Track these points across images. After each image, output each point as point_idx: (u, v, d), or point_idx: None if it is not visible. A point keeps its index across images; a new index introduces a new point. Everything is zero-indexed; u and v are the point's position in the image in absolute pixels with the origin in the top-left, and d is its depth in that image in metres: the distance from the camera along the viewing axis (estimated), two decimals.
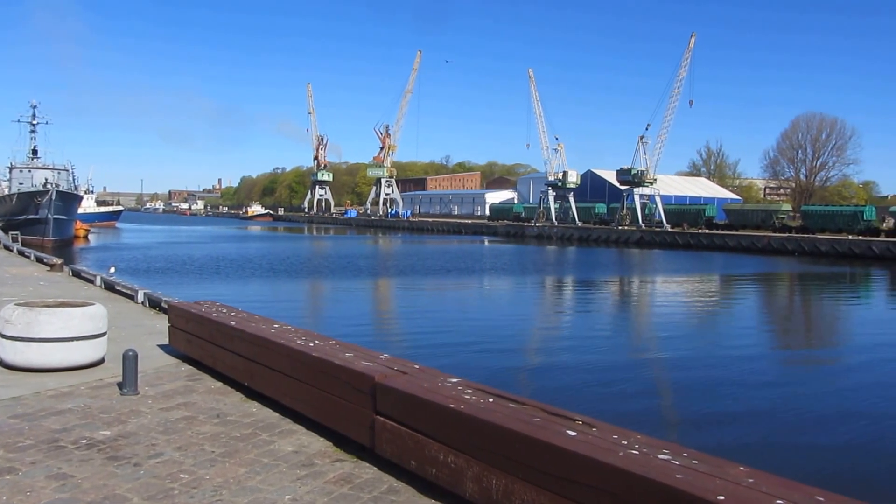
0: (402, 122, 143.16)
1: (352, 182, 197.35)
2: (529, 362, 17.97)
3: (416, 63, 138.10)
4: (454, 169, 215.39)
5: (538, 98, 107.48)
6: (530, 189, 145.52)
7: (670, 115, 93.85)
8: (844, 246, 65.77)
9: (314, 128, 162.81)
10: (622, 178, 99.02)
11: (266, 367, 7.58)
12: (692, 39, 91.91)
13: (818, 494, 3.46)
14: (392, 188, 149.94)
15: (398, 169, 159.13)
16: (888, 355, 19.69)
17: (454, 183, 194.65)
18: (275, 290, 31.68)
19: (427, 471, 5.22)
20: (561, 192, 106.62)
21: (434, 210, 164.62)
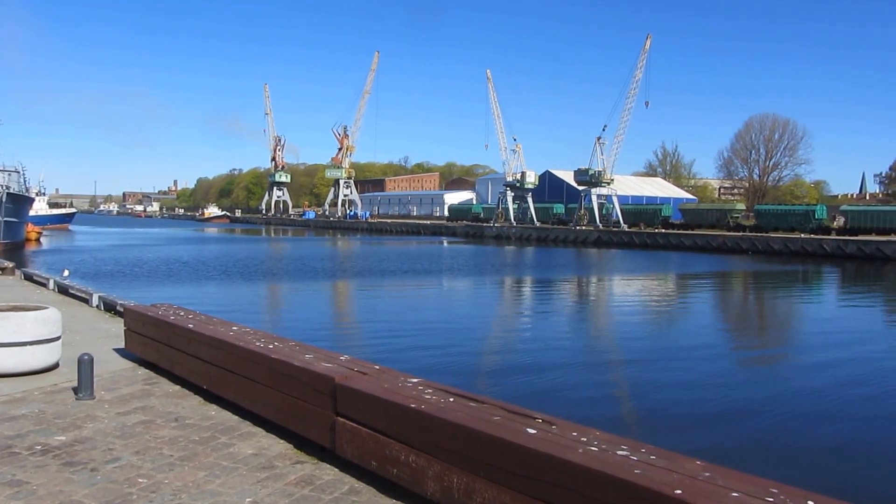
0: (361, 122, 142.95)
1: (310, 183, 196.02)
2: (490, 362, 18.06)
3: (374, 64, 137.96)
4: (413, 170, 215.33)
5: (496, 99, 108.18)
6: (489, 190, 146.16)
7: (627, 117, 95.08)
8: (797, 244, 67.30)
9: (271, 128, 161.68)
10: (580, 178, 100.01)
11: (225, 369, 7.51)
12: (648, 41, 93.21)
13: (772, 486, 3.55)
14: (351, 189, 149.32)
15: (357, 170, 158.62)
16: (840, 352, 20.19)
17: (413, 184, 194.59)
18: (233, 292, 31.32)
19: (388, 471, 5.23)
20: (519, 192, 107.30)
21: (393, 211, 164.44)
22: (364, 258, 56.30)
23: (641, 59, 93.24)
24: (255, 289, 33.61)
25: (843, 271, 52.36)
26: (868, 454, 11.35)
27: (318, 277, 38.81)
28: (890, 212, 72.57)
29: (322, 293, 33.58)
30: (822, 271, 52.13)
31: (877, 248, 61.38)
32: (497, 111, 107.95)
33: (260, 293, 32.73)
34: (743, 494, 3.44)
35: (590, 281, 43.29)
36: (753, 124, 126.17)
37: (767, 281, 45.50)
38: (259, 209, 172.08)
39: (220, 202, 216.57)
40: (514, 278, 43.31)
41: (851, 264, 57.55)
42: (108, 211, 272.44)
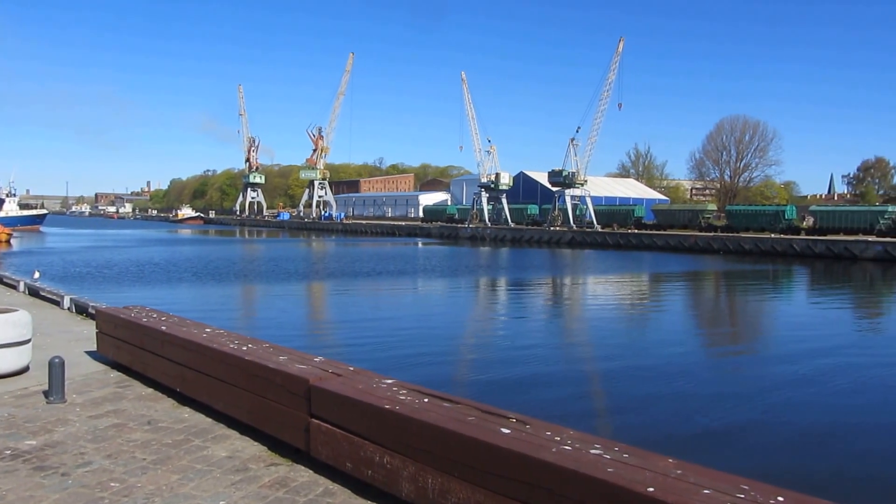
0: (335, 123, 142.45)
1: (284, 184, 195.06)
2: (464, 362, 18.09)
3: (349, 65, 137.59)
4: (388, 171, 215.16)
5: (471, 101, 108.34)
6: (463, 191, 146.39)
7: (600, 118, 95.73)
8: (767, 244, 68.16)
9: (245, 130, 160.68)
10: (553, 179, 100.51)
11: (198, 372, 7.46)
12: (620, 44, 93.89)
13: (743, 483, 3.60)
14: (325, 190, 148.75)
15: (331, 171, 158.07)
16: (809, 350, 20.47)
17: (388, 185, 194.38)
18: (206, 294, 31.06)
19: (363, 472, 5.23)
20: (494, 193, 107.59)
21: (368, 212, 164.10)
22: (339, 259, 56.11)
23: (614, 61, 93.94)
24: (229, 291, 33.35)
25: (812, 270, 53.11)
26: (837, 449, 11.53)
27: (292, 279, 38.61)
28: (857, 212, 73.81)
29: (296, 295, 33.42)
30: (792, 271, 52.83)
31: (845, 248, 62.37)
32: (471, 112, 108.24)
33: (234, 295, 32.49)
34: (714, 491, 3.49)
35: (564, 281, 43.49)
36: (724, 126, 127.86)
37: (738, 280, 46.03)
38: (233, 210, 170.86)
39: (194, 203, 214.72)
40: (489, 279, 43.40)
41: (820, 263, 58.39)
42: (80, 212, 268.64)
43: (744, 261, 60.26)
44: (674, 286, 41.93)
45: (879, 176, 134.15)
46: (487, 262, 58.44)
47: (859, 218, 71.11)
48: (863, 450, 11.66)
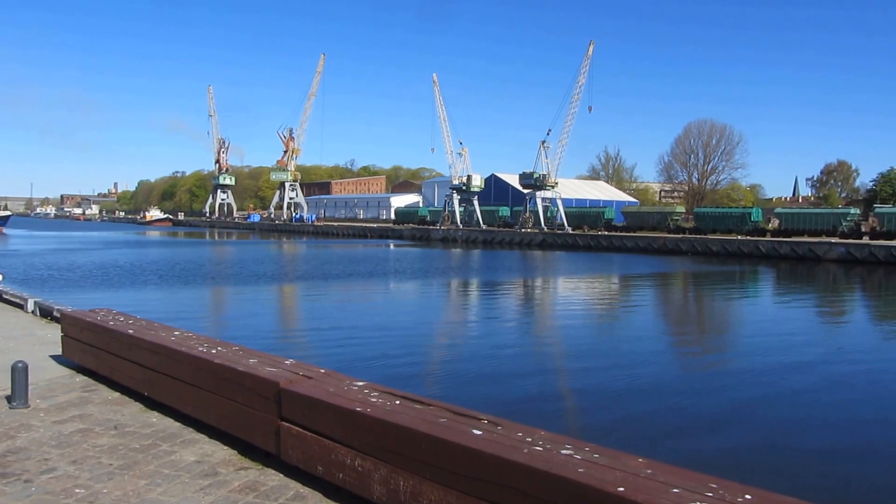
0: (307, 125, 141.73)
1: (255, 186, 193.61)
2: (436, 364, 18.07)
3: (320, 66, 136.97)
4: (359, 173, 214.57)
5: (442, 103, 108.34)
6: (435, 193, 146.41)
7: (570, 121, 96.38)
8: (734, 246, 69.06)
9: (215, 131, 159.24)
10: (525, 181, 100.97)
11: (167, 375, 7.37)
12: (591, 47, 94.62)
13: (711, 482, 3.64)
14: (296, 192, 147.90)
15: (302, 173, 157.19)
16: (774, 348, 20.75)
17: (359, 187, 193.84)
18: (175, 297, 30.70)
19: (334, 475, 5.20)
20: (465, 195, 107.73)
21: (339, 214, 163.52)
22: (310, 261, 55.81)
23: (584, 64, 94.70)
24: (198, 293, 32.99)
25: (777, 271, 53.91)
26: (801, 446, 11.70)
27: (262, 281, 38.31)
28: (821, 214, 75.12)
29: (267, 297, 33.17)
30: (758, 271, 53.58)
31: (809, 249, 63.39)
32: (443, 114, 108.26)
33: (203, 298, 32.15)
34: (683, 490, 3.51)
35: (535, 283, 43.68)
36: (692, 130, 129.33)
37: (706, 281, 46.57)
38: (203, 212, 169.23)
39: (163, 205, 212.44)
40: (461, 281, 43.44)
41: (785, 264, 59.30)
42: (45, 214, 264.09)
43: (711, 262, 61.01)
44: (643, 287, 42.31)
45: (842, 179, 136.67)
46: (459, 263, 58.50)
47: (823, 220, 72.38)
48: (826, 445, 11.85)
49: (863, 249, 60.15)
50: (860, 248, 60.50)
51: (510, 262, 60.58)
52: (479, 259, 64.57)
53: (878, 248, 59.24)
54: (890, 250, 58.02)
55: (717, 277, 48.71)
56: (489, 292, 37.74)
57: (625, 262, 60.83)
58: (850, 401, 14.93)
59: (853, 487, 10.10)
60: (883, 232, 67.24)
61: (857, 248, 60.80)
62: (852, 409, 14.21)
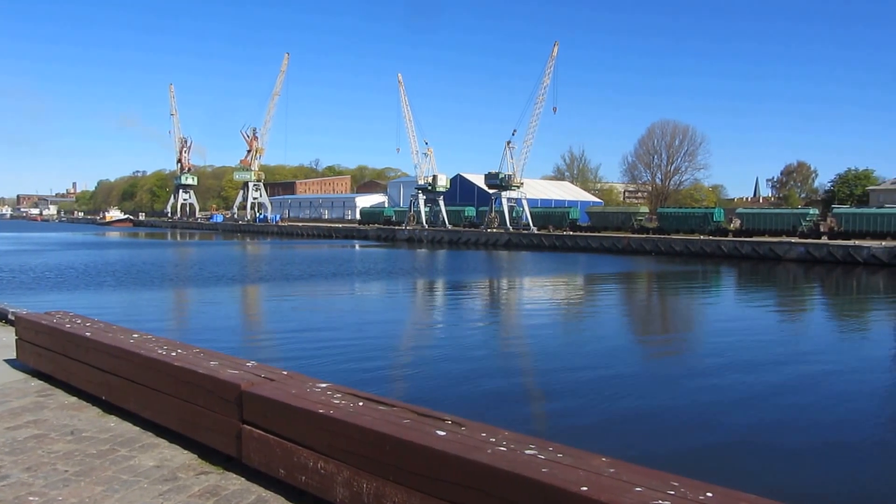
0: (270, 124, 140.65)
1: (218, 186, 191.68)
2: (400, 365, 18.02)
3: (284, 65, 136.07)
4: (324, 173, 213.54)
5: (408, 102, 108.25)
6: (401, 193, 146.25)
7: (535, 122, 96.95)
8: (697, 246, 70.01)
9: (177, 129, 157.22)
10: (490, 182, 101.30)
11: (125, 379, 7.22)
12: (555, 48, 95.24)
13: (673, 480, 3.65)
14: (260, 192, 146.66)
15: (266, 172, 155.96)
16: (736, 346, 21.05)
17: (324, 187, 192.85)
18: (135, 299, 30.21)
19: (297, 478, 5.13)
20: (431, 195, 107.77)
21: (304, 214, 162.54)
22: (273, 262, 55.33)
23: (549, 65, 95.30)
24: (159, 295, 32.50)
25: (739, 271, 54.76)
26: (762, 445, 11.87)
27: (224, 283, 37.89)
28: (781, 214, 76.50)
29: (229, 298, 32.80)
30: (720, 271, 54.37)
31: (770, 249, 64.50)
32: (408, 114, 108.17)
33: (164, 300, 31.68)
34: (646, 489, 3.52)
35: (501, 283, 43.81)
36: (655, 130, 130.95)
37: (670, 281, 47.12)
38: (164, 212, 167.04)
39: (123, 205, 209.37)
40: (426, 281, 43.40)
41: (747, 264, 60.26)
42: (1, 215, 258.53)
43: (674, 262, 61.77)
44: (608, 287, 42.67)
45: (801, 179, 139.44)
46: (424, 264, 58.46)
47: (783, 220, 73.71)
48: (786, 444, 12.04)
49: (821, 249, 61.37)
50: (819, 248, 61.70)
51: (476, 263, 60.71)
52: (445, 259, 64.60)
53: (836, 248, 60.49)
54: (847, 250, 59.27)
55: (680, 277, 49.33)
56: (455, 293, 37.77)
57: (590, 262, 61.33)
58: (810, 400, 15.20)
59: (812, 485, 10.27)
60: (841, 232, 68.67)
61: (815, 247, 62.01)
62: (812, 409, 14.47)
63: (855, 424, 13.32)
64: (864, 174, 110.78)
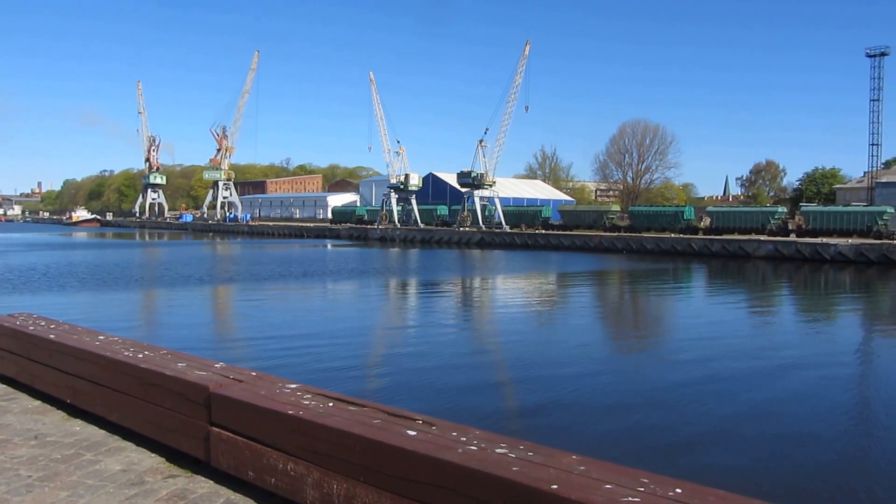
0: (241, 123, 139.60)
1: (187, 185, 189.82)
2: (372, 365, 17.96)
3: (254, 63, 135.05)
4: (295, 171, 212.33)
5: (379, 101, 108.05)
6: (373, 192, 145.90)
7: (507, 120, 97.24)
8: (668, 244, 70.66)
9: (145, 128, 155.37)
10: (462, 180, 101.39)
11: (90, 381, 7.10)
12: (527, 47, 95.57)
13: (643, 477, 3.65)
14: (230, 191, 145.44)
15: (236, 171, 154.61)
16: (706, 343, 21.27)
17: (295, 186, 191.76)
18: (101, 300, 29.76)
19: (266, 480, 5.08)
20: (403, 194, 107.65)
21: (275, 213, 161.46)
22: (243, 262, 54.88)
23: (521, 64, 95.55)
24: (126, 296, 32.04)
25: (709, 268, 55.38)
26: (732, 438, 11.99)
27: (193, 283, 37.47)
28: (750, 213, 77.51)
29: (198, 299, 32.46)
30: (691, 269, 54.95)
31: (739, 247, 65.32)
32: (380, 113, 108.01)
33: (131, 301, 31.24)
34: (616, 486, 3.52)
35: (473, 282, 43.86)
36: (627, 129, 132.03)
37: (641, 279, 47.52)
38: (132, 212, 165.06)
39: (90, 205, 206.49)
40: (399, 280, 43.33)
41: (717, 262, 60.96)
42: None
43: (646, 259, 62.31)
44: (580, 285, 42.91)
45: (770, 178, 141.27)
46: (397, 263, 58.37)
47: (752, 218, 74.68)
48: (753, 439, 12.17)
49: (790, 247, 62.29)
50: (787, 246, 62.63)
51: (448, 262, 60.75)
52: (418, 258, 64.55)
53: (803, 246, 61.44)
54: (815, 247, 60.21)
55: (651, 275, 49.76)
56: (427, 292, 37.74)
57: (562, 260, 61.64)
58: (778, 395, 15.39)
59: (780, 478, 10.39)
60: (808, 230, 69.73)
61: (784, 245, 62.93)
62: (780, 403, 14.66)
63: (821, 418, 13.51)
64: (831, 173, 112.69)
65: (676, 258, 64.35)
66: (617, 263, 58.39)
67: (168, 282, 37.63)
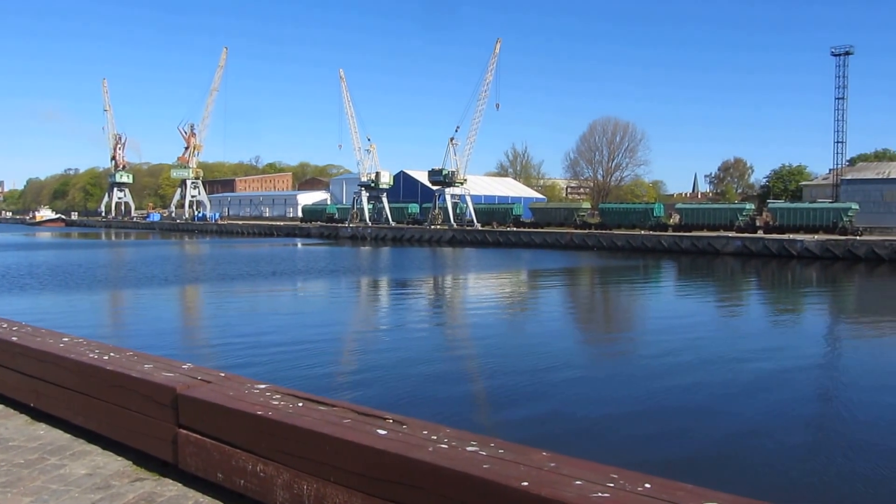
0: (209, 120, 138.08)
1: (154, 184, 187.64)
2: (342, 365, 17.88)
3: (222, 60, 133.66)
4: (264, 170, 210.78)
5: (349, 99, 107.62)
6: (343, 190, 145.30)
7: (478, 118, 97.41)
8: (638, 241, 71.27)
9: (111, 126, 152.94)
10: (434, 178, 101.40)
11: (55, 384, 6.97)
12: (497, 45, 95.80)
13: (612, 472, 3.66)
14: (198, 190, 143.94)
15: (205, 170, 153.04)
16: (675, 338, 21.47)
17: (265, 184, 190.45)
18: (66, 302, 29.25)
19: (235, 482, 5.02)
20: (374, 192, 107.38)
21: (244, 212, 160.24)
22: (212, 262, 54.33)
23: (491, 62, 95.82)
24: (91, 298, 31.50)
25: (679, 265, 55.96)
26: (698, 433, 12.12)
27: (160, 284, 37.00)
28: (719, 209, 78.46)
29: (165, 300, 32.06)
30: (661, 265, 55.47)
31: (708, 244, 66.09)
32: (351, 111, 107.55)
33: (95, 302, 30.71)
34: (586, 482, 3.52)
35: (445, 280, 43.87)
36: (597, 127, 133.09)
37: (612, 276, 47.87)
38: (98, 211, 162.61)
39: (54, 205, 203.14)
40: (370, 279, 43.21)
41: (686, 258, 61.64)
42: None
43: (616, 256, 62.79)
44: (552, 283, 43.11)
45: (738, 175, 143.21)
46: (368, 262, 58.19)
47: (720, 215, 75.61)
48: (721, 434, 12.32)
49: (757, 243, 63.19)
50: (755, 242, 63.52)
51: (420, 260, 60.70)
52: (389, 257, 64.42)
53: (771, 242, 62.39)
54: (782, 243, 61.15)
55: (622, 272, 50.15)
56: (398, 291, 37.68)
57: (533, 257, 61.89)
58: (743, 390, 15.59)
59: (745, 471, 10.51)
60: (776, 226, 70.80)
61: (752, 241, 63.83)
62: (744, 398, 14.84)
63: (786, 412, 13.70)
64: (798, 170, 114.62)
65: (646, 255, 64.94)
66: (588, 260, 58.78)
67: (133, 282, 37.08)
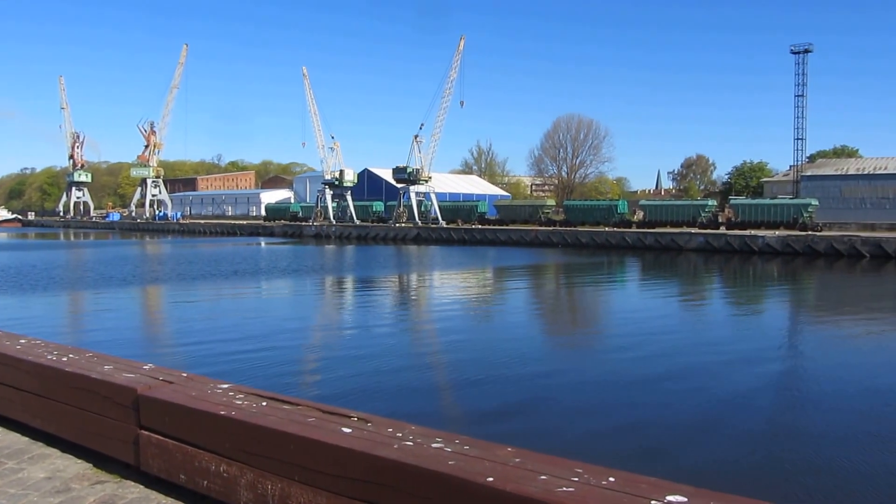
0: (169, 118, 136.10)
1: (114, 183, 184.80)
2: (306, 363, 17.76)
3: (183, 57, 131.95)
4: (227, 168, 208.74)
5: (313, 96, 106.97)
6: (307, 188, 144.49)
7: (443, 116, 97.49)
8: (602, 237, 71.90)
9: (68, 124, 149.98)
10: (398, 176, 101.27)
11: (11, 387, 6.83)
12: (461, 42, 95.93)
13: (577, 467, 3.69)
14: (159, 189, 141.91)
15: (166, 168, 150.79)
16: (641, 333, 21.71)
17: (227, 183, 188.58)
18: (23, 303, 28.60)
19: (198, 483, 4.97)
20: (338, 190, 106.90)
21: (206, 211, 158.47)
22: (172, 261, 53.60)
23: (456, 59, 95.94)
24: (49, 299, 30.81)
25: (642, 261, 56.58)
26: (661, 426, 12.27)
27: (120, 284, 36.39)
28: (682, 206, 79.47)
29: (126, 301, 31.54)
30: (625, 262, 56.03)
31: (671, 240, 66.90)
32: (314, 108, 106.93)
33: (55, 304, 30.08)
34: (550, 476, 3.55)
35: (410, 278, 43.83)
36: (561, 124, 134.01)
37: (577, 272, 48.24)
38: (56, 211, 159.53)
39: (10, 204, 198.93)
40: (334, 278, 42.99)
41: (650, 254, 62.33)
42: None
43: (581, 253, 63.28)
44: (517, 280, 43.30)
45: (700, 172, 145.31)
46: (332, 260, 57.90)
47: (683, 211, 76.60)
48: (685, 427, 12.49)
49: (720, 239, 64.13)
50: (717, 238, 64.45)
51: (385, 258, 60.55)
52: (353, 255, 64.17)
53: (733, 238, 63.35)
54: (744, 239, 62.14)
55: (587, 269, 50.56)
56: (362, 289, 37.55)
57: (499, 255, 62.09)
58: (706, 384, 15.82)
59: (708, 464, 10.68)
60: (738, 222, 71.93)
61: (714, 237, 64.74)
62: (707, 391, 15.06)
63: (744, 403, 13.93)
64: (759, 166, 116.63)
65: (611, 251, 65.53)
66: (553, 257, 59.15)
67: (92, 283, 36.40)
